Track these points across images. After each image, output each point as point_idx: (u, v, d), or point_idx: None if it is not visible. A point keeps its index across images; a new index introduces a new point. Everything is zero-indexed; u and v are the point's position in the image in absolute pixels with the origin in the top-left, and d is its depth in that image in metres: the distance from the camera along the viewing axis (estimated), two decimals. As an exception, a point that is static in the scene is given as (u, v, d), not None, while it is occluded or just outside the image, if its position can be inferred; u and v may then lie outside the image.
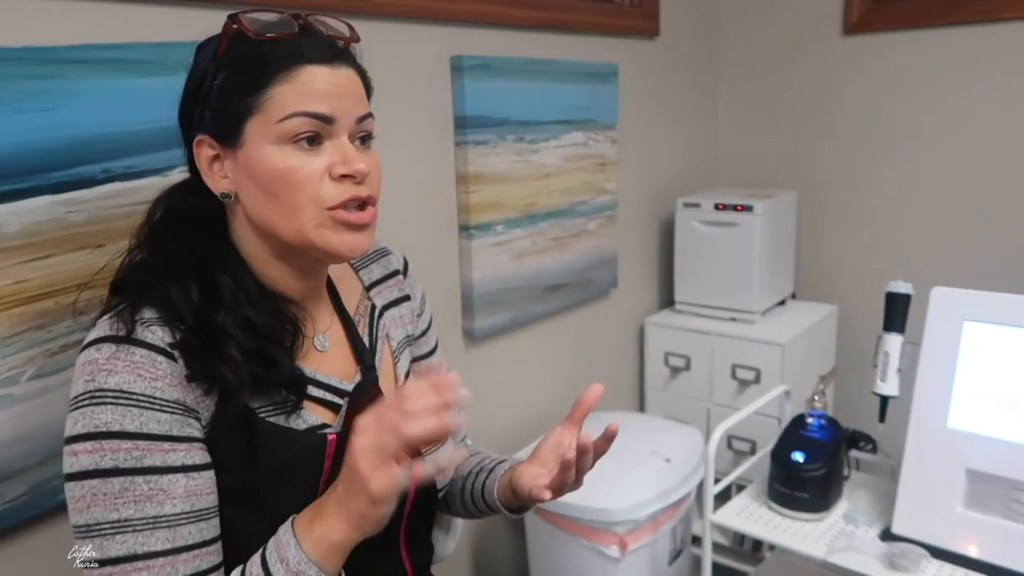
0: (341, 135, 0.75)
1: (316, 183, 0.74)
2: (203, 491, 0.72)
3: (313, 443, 0.78)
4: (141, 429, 0.69)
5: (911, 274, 1.56)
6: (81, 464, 0.68)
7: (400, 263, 1.01)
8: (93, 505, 0.68)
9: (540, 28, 1.70)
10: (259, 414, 0.76)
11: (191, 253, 0.77)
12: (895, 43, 2.09)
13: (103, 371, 0.69)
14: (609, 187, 1.94)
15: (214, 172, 0.77)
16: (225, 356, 0.72)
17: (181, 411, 0.71)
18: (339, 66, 0.75)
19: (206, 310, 0.74)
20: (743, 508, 1.44)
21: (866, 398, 1.48)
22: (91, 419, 0.68)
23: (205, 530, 0.72)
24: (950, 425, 1.27)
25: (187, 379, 0.71)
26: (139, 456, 0.69)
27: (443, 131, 1.53)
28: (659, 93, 2.14)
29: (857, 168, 2.21)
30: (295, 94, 0.73)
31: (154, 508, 0.69)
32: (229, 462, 0.74)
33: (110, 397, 0.68)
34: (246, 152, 0.74)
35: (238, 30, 0.74)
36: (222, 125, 0.75)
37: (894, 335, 1.41)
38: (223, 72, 0.75)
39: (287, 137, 0.73)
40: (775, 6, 2.27)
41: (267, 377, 0.75)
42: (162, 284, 0.74)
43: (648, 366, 2.17)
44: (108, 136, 0.98)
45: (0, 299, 0.91)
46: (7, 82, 0.89)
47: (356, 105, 0.76)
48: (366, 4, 1.31)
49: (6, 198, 0.90)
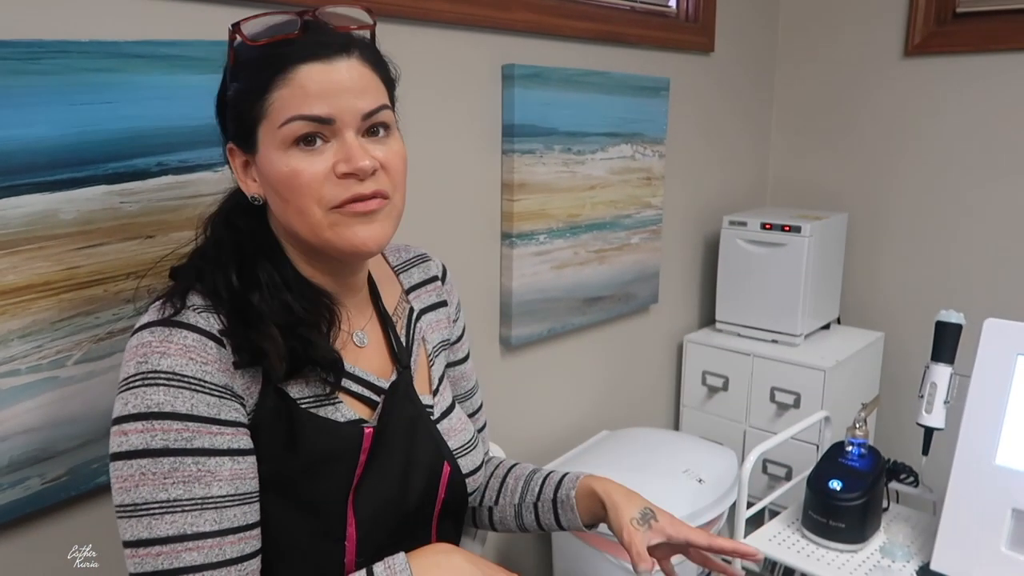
0: (345, 132, 0.74)
1: (319, 184, 0.74)
2: (247, 475, 0.74)
3: (350, 436, 0.80)
4: (191, 411, 0.70)
5: (962, 304, 1.51)
6: (131, 443, 0.69)
7: (439, 269, 1.02)
8: (141, 484, 0.69)
9: (592, 40, 1.70)
10: (300, 404, 0.77)
11: (239, 242, 0.79)
12: (958, 67, 2.04)
13: (156, 353, 0.70)
14: (654, 201, 1.92)
15: (248, 177, 0.79)
16: (263, 331, 0.74)
17: (228, 396, 0.73)
18: (339, 60, 0.73)
19: (245, 293, 0.76)
20: (776, 534, 1.41)
21: (909, 429, 1.44)
22: (143, 399, 0.70)
23: (248, 514, 0.74)
24: (998, 462, 1.23)
25: (234, 366, 0.73)
26: (189, 437, 0.70)
27: (491, 138, 1.54)
28: (710, 109, 2.13)
29: (911, 193, 2.16)
30: (292, 98, 0.72)
31: (202, 489, 0.70)
32: (269, 450, 0.76)
33: (163, 378, 0.70)
34: (260, 158, 0.76)
35: (239, 38, 0.75)
36: (240, 134, 0.77)
37: (942, 366, 1.36)
38: (234, 82, 0.76)
39: (289, 141, 0.73)
40: (835, 26, 2.23)
41: (304, 354, 0.77)
42: (210, 270, 0.77)
43: (685, 384, 2.14)
44: (164, 130, 1.01)
45: (53, 283, 0.94)
46: (73, 74, 0.92)
47: (360, 99, 0.74)
48: (424, 11, 1.33)
49: (65, 186, 0.93)
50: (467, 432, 0.94)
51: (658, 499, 1.53)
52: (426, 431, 0.88)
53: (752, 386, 2.00)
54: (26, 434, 0.94)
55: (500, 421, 1.22)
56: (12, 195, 0.89)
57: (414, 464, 0.85)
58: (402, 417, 0.85)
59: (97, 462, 1.01)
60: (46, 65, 0.90)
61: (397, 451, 0.84)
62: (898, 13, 2.10)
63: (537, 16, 1.55)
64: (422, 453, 0.86)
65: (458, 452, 0.90)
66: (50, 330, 0.95)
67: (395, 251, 1.00)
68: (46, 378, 0.95)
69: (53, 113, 0.91)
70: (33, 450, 0.95)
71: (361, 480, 0.80)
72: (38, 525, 0.99)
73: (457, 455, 0.90)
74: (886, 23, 2.13)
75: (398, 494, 0.83)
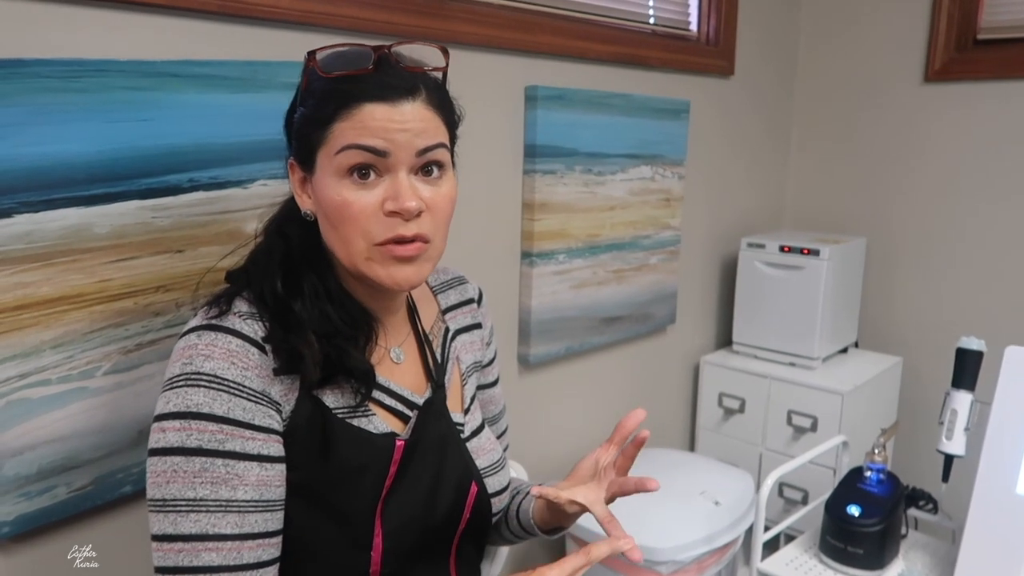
0: (399, 169, 0.75)
1: (367, 218, 0.75)
2: (273, 483, 0.75)
3: (383, 447, 0.81)
4: (227, 414, 0.72)
5: (982, 330, 1.51)
6: (168, 440, 0.72)
7: (475, 292, 1.04)
8: (172, 481, 0.71)
9: (614, 62, 1.72)
10: (335, 413, 0.79)
11: (288, 251, 0.81)
12: (978, 93, 2.04)
13: (201, 355, 0.73)
14: (673, 223, 1.93)
15: (304, 193, 0.81)
16: (301, 337, 0.76)
17: (265, 402, 0.75)
18: (403, 103, 0.75)
19: (288, 300, 0.78)
20: (793, 559, 1.40)
21: (928, 456, 1.44)
22: (183, 399, 0.72)
23: (270, 521, 0.75)
24: (1019, 491, 1.22)
25: (274, 372, 0.75)
26: (222, 439, 0.72)
27: (513, 158, 1.56)
28: (730, 131, 2.14)
29: (931, 218, 2.15)
30: (351, 130, 0.74)
31: (228, 492, 0.72)
32: (303, 458, 0.77)
33: (204, 380, 0.72)
34: (316, 181, 0.78)
35: (312, 67, 0.77)
36: (301, 154, 0.79)
37: (963, 392, 1.36)
38: (302, 107, 0.79)
39: (343, 170, 0.75)
40: (854, 51, 2.24)
41: (339, 362, 0.78)
42: (258, 276, 0.79)
43: (701, 406, 2.13)
44: (196, 147, 1.03)
45: (85, 295, 0.96)
46: (111, 92, 0.94)
47: (417, 138, 0.75)
48: (450, 33, 1.35)
49: (100, 200, 0.95)
50: (495, 453, 0.95)
51: (674, 521, 1.54)
52: (456, 449, 0.89)
53: (769, 409, 1.99)
54: (55, 443, 0.96)
55: (517, 438, 1.23)
56: (49, 209, 0.91)
57: (442, 480, 0.86)
58: (434, 433, 0.87)
59: (121, 472, 1.03)
60: (85, 84, 0.92)
61: (427, 466, 0.85)
62: (918, 38, 2.11)
63: (561, 39, 1.57)
64: (451, 470, 0.87)
65: (486, 472, 0.91)
66: (81, 341, 0.96)
67: (434, 272, 1.01)
68: (76, 388, 0.97)
69: (91, 130, 0.93)
70: (61, 459, 0.97)
71: (390, 491, 0.81)
72: (42, 537, 1.00)
73: (484, 475, 0.91)
74: (906, 49, 2.14)
75: (425, 508, 0.84)
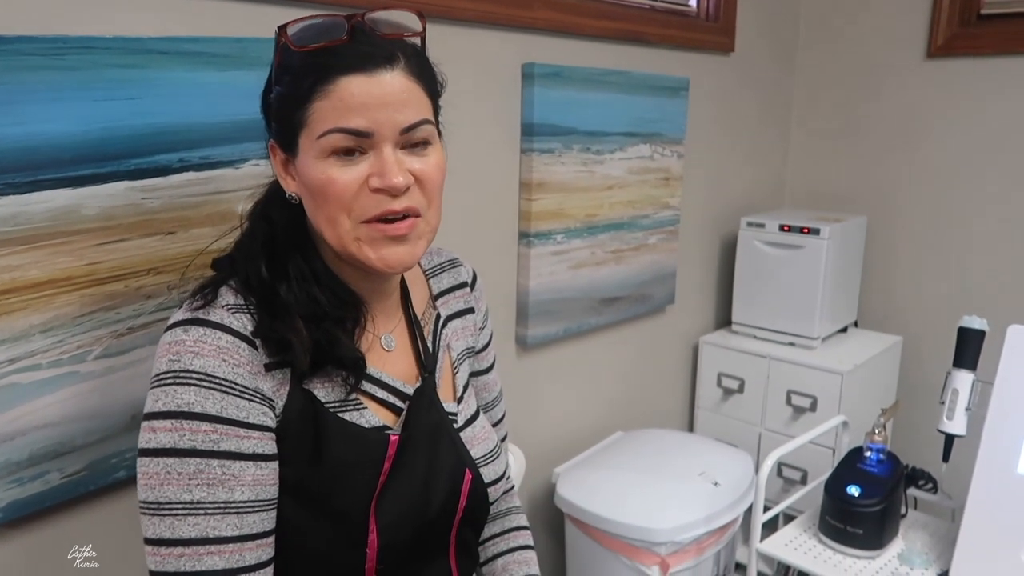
0: (383, 146, 0.73)
1: (352, 195, 0.73)
2: (267, 481, 0.74)
3: (376, 442, 0.80)
4: (221, 413, 0.70)
5: (984, 309, 1.50)
6: (159, 441, 0.69)
7: (469, 276, 1.01)
8: (166, 483, 0.69)
9: (612, 39, 1.69)
10: (326, 407, 0.77)
11: (272, 234, 0.79)
12: (981, 69, 2.01)
13: (189, 352, 0.70)
14: (672, 202, 1.91)
15: (287, 175, 0.79)
16: (289, 323, 0.74)
17: (258, 399, 0.73)
18: (382, 72, 0.72)
19: (274, 284, 0.76)
20: (792, 539, 1.40)
21: (928, 435, 1.43)
22: (173, 398, 0.70)
23: (267, 520, 0.74)
24: (1020, 471, 1.22)
25: (266, 368, 0.74)
26: (216, 439, 0.70)
27: (510, 137, 1.53)
28: (729, 110, 2.11)
29: (933, 196, 2.13)
30: (332, 110, 0.71)
31: (225, 493, 0.70)
32: (295, 454, 0.76)
33: (195, 379, 0.70)
34: (299, 161, 0.76)
35: (284, 42, 0.74)
36: (282, 136, 0.77)
37: (964, 372, 1.35)
38: (278, 85, 0.76)
39: (327, 151, 0.73)
40: (856, 27, 2.21)
41: (328, 349, 0.76)
42: (243, 261, 0.77)
43: (700, 386, 2.13)
44: (185, 126, 1.01)
45: (75, 279, 0.94)
46: (97, 70, 0.92)
47: (401, 113, 0.73)
48: (445, 8, 1.32)
49: (88, 182, 0.93)
50: (491, 441, 0.93)
51: (673, 502, 1.54)
52: (448, 439, 0.87)
53: (768, 389, 1.99)
54: (46, 429, 0.94)
55: (515, 421, 1.22)
56: (36, 190, 0.89)
57: (436, 471, 0.84)
58: (426, 425, 0.85)
59: (115, 457, 1.02)
60: (71, 61, 0.90)
61: (420, 459, 0.83)
62: (921, 14, 2.08)
63: (558, 15, 1.54)
64: (444, 461, 0.86)
65: (481, 461, 0.90)
66: (71, 325, 0.95)
67: (427, 254, 0.98)
68: (66, 373, 0.95)
69: (77, 109, 0.91)
70: (52, 445, 0.95)
71: (384, 487, 0.80)
72: (38, 525, 0.99)
73: (480, 464, 0.89)
74: (909, 24, 2.11)
75: (420, 502, 0.83)
